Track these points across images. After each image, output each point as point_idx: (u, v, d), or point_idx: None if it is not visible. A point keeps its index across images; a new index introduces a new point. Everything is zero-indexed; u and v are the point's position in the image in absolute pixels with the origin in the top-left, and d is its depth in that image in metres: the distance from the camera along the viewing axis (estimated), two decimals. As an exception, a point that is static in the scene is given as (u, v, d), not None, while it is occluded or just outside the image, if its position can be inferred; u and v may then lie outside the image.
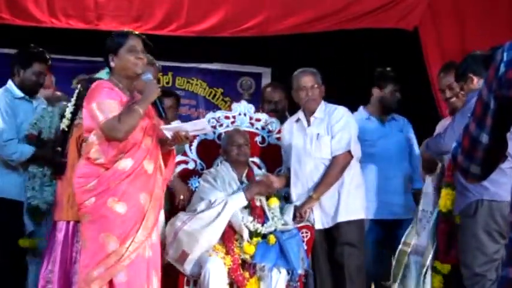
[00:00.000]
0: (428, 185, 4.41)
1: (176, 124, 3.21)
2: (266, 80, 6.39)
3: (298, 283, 3.74)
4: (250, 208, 3.83)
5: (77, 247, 3.48)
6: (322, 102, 4.12)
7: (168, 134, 3.18)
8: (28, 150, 4.03)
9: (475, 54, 3.67)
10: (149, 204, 3.08)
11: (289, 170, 4.15)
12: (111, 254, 2.98)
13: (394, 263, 4.50)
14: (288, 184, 4.13)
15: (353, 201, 4.01)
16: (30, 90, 4.23)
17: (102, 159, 3.04)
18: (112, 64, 3.18)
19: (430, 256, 3.74)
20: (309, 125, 4.08)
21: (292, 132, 4.13)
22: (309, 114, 4.10)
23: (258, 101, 5.37)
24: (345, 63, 5.80)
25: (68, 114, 3.47)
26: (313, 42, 5.65)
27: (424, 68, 5.12)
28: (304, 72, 4.11)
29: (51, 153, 3.91)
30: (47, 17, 4.93)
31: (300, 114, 4.14)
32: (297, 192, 4.04)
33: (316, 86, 4.06)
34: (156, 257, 3.17)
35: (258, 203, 3.85)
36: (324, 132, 4.02)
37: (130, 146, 3.06)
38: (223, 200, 3.75)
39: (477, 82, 3.55)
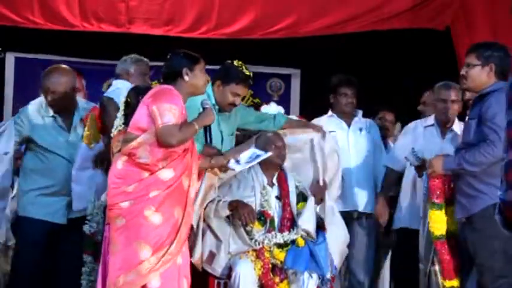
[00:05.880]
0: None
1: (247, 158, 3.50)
2: (295, 82, 6.37)
3: (329, 287, 3.72)
4: (276, 219, 3.78)
5: None
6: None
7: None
8: None
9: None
10: (182, 220, 3.12)
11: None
12: (144, 261, 3.00)
13: None
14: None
15: None
16: None
17: (147, 160, 3.05)
18: (186, 78, 3.18)
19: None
20: (443, 137, 4.13)
21: (423, 137, 4.15)
22: (443, 125, 4.14)
23: (287, 102, 5.37)
24: (376, 64, 5.75)
25: (120, 126, 3.44)
26: (343, 43, 5.62)
27: (455, 68, 5.06)
28: (449, 85, 4.11)
29: None
30: (79, 21, 5.00)
31: (433, 121, 4.17)
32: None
33: (458, 100, 4.09)
34: (186, 264, 3.22)
35: (270, 212, 3.79)
36: None
37: (174, 157, 3.10)
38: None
39: (492, 76, 3.43)
